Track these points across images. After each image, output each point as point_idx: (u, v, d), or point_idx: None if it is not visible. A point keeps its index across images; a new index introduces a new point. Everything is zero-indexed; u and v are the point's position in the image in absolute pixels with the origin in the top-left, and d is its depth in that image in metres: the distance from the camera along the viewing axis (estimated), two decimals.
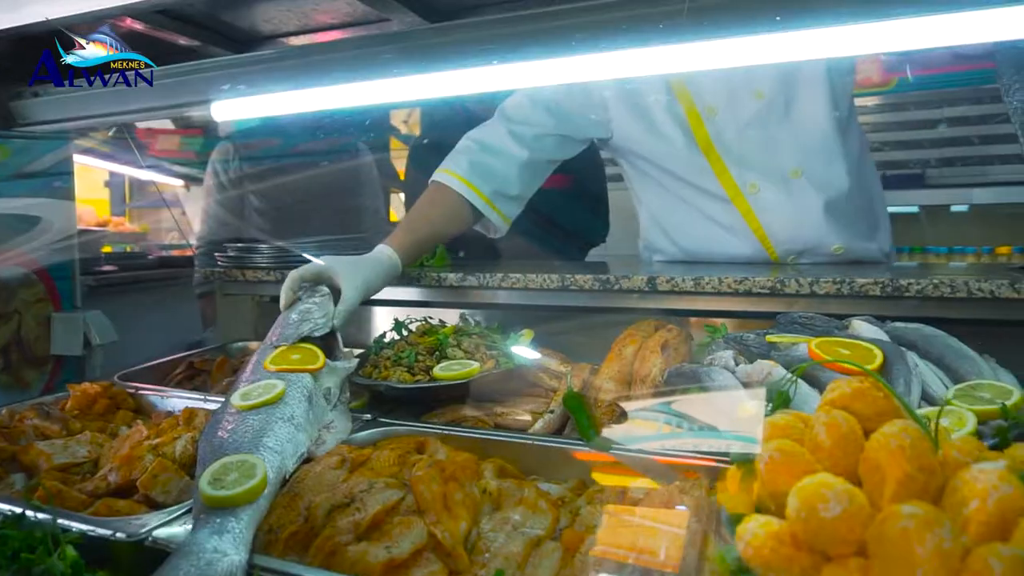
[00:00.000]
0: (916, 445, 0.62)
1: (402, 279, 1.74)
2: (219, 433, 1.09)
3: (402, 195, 3.31)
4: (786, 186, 1.80)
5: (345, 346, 1.72)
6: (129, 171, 4.02)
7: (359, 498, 0.96)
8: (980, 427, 1.03)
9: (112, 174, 4.59)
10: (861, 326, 1.31)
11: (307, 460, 1.12)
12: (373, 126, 3.22)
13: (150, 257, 3.38)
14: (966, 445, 0.68)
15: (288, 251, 1.94)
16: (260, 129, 2.75)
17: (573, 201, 2.44)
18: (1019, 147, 3.04)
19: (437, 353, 1.49)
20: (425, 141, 2.81)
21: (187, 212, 4.22)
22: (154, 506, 1.04)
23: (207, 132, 4.03)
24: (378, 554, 0.86)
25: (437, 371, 1.42)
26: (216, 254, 2.10)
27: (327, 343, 1.44)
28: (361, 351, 1.66)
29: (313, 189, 2.65)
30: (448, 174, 1.81)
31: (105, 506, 1.02)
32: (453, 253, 2.25)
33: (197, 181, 4.07)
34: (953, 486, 0.60)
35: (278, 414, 1.15)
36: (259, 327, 2.14)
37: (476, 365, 1.43)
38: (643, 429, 1.21)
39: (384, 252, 1.65)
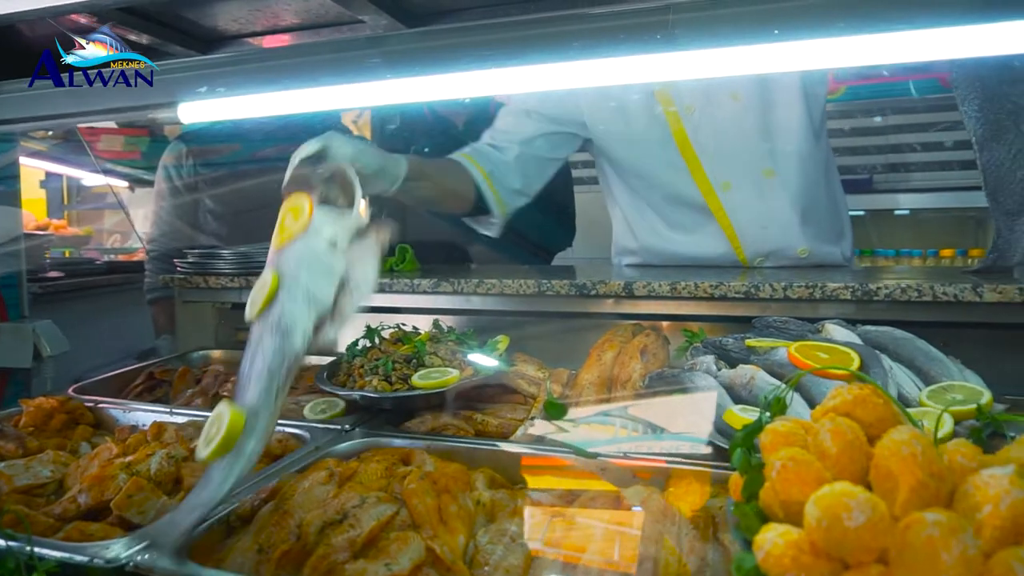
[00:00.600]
0: (926, 452, 0.64)
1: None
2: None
3: None
4: (759, 186, 1.86)
5: (314, 353, 1.68)
6: (69, 171, 3.85)
7: (352, 514, 0.93)
8: (955, 428, 1.07)
9: (49, 174, 4.39)
10: (834, 329, 1.34)
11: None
12: (325, 125, 3.16)
13: (97, 262, 3.24)
14: (967, 450, 0.70)
15: (251, 256, 1.88)
16: (213, 128, 2.65)
17: (539, 207, 2.44)
18: (957, 154, 3.19)
19: (414, 361, 1.47)
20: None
21: (133, 214, 4.07)
22: (129, 528, 0.99)
23: (153, 132, 3.89)
24: (378, 572, 0.83)
25: (416, 380, 1.40)
26: (175, 260, 2.02)
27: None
28: (332, 359, 1.63)
29: (270, 190, 2.57)
30: (451, 156, 1.87)
31: (77, 530, 0.97)
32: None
33: (143, 183, 3.93)
34: (964, 491, 0.62)
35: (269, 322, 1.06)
36: (220, 334, 2.08)
37: (455, 373, 1.41)
38: (628, 434, 1.22)
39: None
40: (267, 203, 2.54)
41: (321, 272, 1.09)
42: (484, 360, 1.50)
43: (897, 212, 3.36)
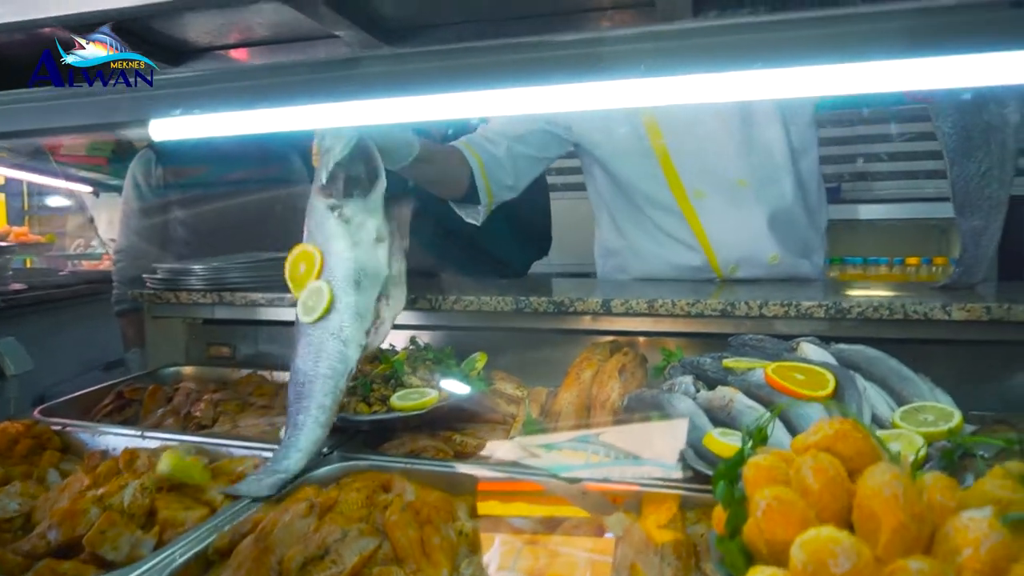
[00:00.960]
0: (907, 493, 0.65)
1: None
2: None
3: None
4: (731, 195, 1.91)
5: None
6: (30, 177, 3.75)
7: (334, 549, 0.92)
8: (928, 449, 1.10)
9: (9, 180, 4.27)
10: (809, 348, 1.36)
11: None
12: (304, 134, 3.11)
13: (61, 273, 3.16)
14: (945, 486, 0.71)
15: (224, 271, 1.85)
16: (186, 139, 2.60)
17: (517, 216, 2.45)
18: (923, 164, 3.26)
19: (392, 381, 1.46)
20: None
21: (98, 219, 3.98)
22: (103, 565, 0.97)
23: (118, 135, 3.80)
24: None
25: (395, 401, 1.39)
26: (144, 276, 1.98)
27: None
28: None
29: (244, 198, 2.54)
30: (451, 143, 1.94)
31: (48, 569, 0.94)
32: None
33: (108, 187, 3.85)
34: (944, 533, 0.63)
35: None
36: (192, 350, 2.04)
37: (435, 394, 1.40)
38: (606, 460, 1.22)
39: None
40: (239, 214, 2.52)
41: (369, 284, 1.36)
42: (462, 380, 1.49)
43: (865, 221, 3.42)
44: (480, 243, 2.42)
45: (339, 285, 1.34)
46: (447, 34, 1.49)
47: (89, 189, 3.86)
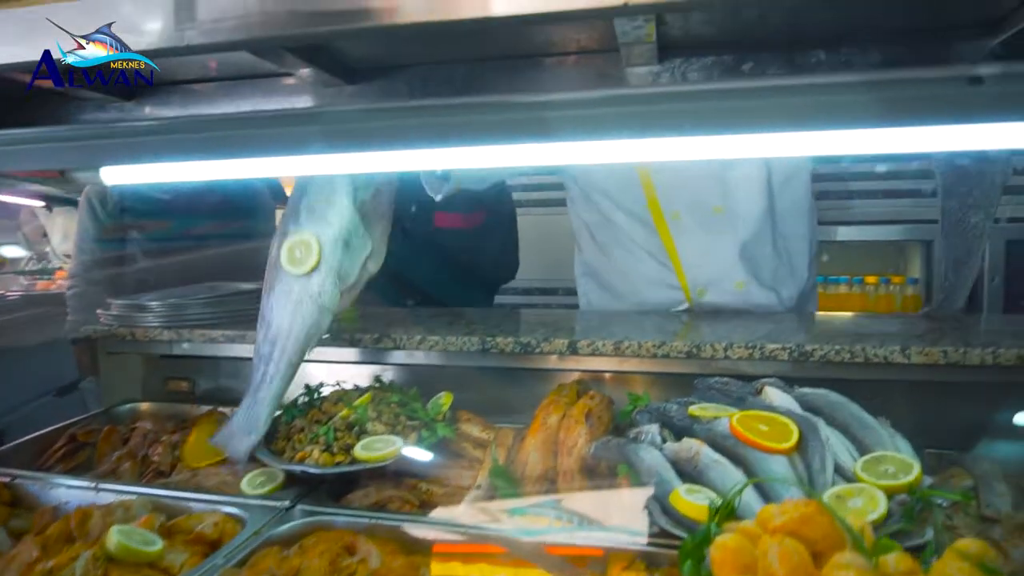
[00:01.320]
0: None
1: None
2: None
3: None
4: (706, 219, 1.97)
5: None
6: None
7: None
8: (889, 503, 1.11)
9: None
10: (773, 393, 1.37)
11: None
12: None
13: (9, 298, 3.05)
14: (905, 570, 0.72)
15: (183, 307, 1.80)
16: None
17: (484, 240, 2.44)
18: (879, 185, 3.32)
19: (356, 428, 1.44)
20: None
21: (52, 233, 3.86)
22: None
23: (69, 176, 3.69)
24: None
25: (359, 452, 1.36)
26: (98, 312, 1.92)
27: None
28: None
29: (204, 224, 2.48)
30: None
31: None
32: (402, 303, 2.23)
33: (61, 202, 3.73)
34: None
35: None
36: (149, 384, 1.99)
37: (399, 443, 1.38)
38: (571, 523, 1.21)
39: None
40: (199, 240, 2.46)
41: (355, 251, 1.42)
42: (428, 425, 1.48)
43: (824, 241, 3.48)
44: (448, 269, 2.41)
45: (328, 242, 1.40)
46: (410, 75, 1.47)
47: (41, 204, 3.74)
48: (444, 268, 2.47)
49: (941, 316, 1.70)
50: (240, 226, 2.61)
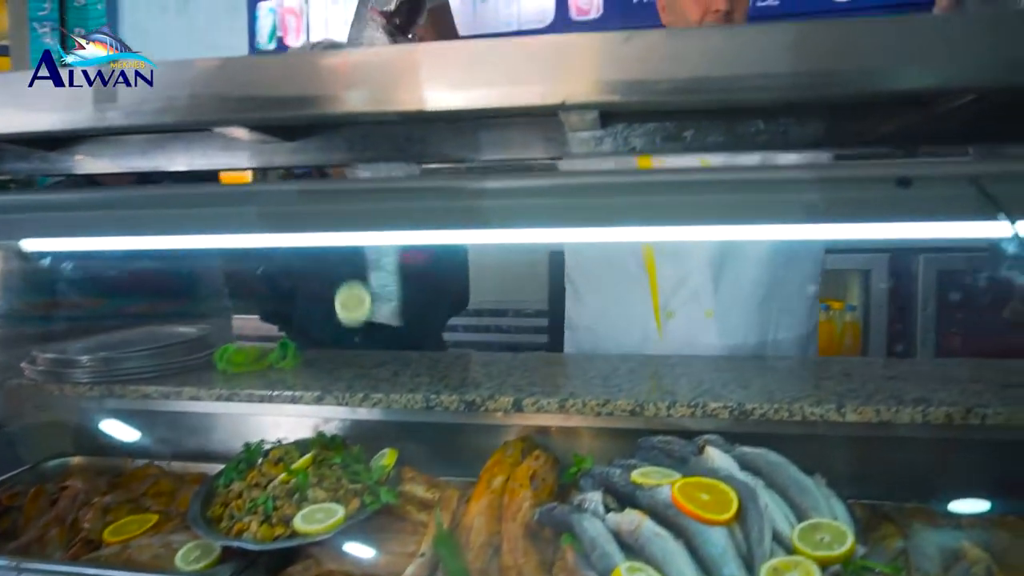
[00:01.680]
0: None
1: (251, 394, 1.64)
2: None
3: None
4: (682, 249, 2.01)
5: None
6: None
7: None
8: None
9: None
10: (714, 453, 1.39)
11: None
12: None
13: None
14: None
15: (114, 362, 1.73)
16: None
17: (433, 275, 2.41)
18: None
19: (296, 496, 1.40)
20: None
21: None
22: None
23: None
24: None
25: (299, 524, 1.33)
26: (23, 364, 1.83)
27: None
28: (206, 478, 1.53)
29: (134, 277, 2.38)
30: None
31: None
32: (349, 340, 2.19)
33: None
34: None
35: None
36: (80, 438, 1.90)
37: (341, 513, 1.36)
38: None
39: None
40: (132, 272, 2.36)
41: None
42: (371, 488, 1.45)
43: None
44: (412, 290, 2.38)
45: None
46: (351, 132, 1.44)
47: None
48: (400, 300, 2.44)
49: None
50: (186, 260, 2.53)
